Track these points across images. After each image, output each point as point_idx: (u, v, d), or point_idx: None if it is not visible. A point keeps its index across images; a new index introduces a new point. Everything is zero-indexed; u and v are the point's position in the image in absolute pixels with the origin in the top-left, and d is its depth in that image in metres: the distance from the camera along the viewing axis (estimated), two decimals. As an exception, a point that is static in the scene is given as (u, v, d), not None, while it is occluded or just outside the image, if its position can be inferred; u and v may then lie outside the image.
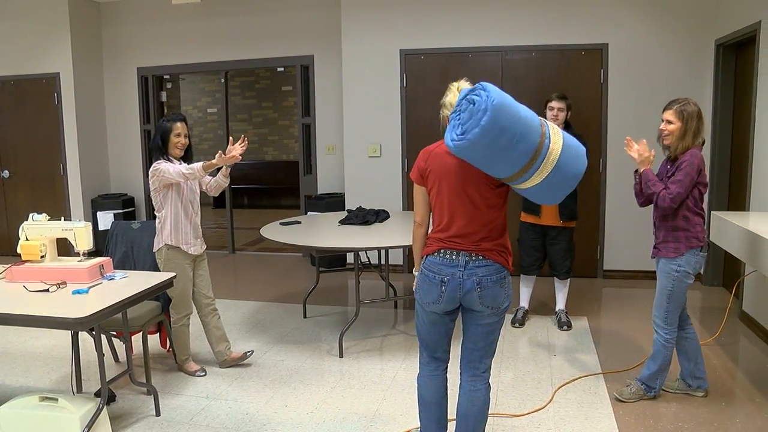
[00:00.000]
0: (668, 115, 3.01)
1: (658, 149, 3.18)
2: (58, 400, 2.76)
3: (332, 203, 6.30)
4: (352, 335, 4.34)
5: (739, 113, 4.97)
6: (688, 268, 3.02)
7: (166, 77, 7.60)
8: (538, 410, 3.19)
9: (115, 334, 3.53)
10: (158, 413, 3.20)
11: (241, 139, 3.53)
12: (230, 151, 3.45)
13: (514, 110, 2.08)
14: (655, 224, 3.14)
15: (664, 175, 3.09)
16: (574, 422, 3.05)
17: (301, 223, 4.63)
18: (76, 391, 3.32)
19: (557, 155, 2.14)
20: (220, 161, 3.33)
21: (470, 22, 5.78)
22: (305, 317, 4.80)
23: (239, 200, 11.35)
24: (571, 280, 4.58)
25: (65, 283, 2.99)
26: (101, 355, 2.82)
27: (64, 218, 3.33)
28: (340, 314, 4.91)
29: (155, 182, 3.45)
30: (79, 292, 2.85)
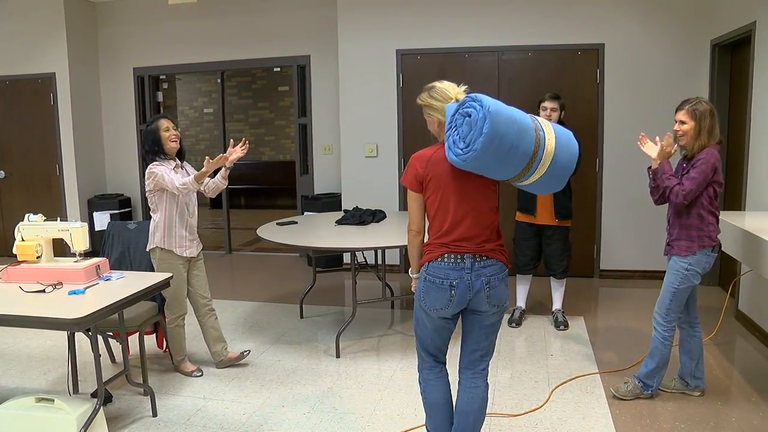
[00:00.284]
0: (681, 115, 3.00)
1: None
2: (54, 401, 2.76)
3: (329, 203, 6.30)
4: (348, 335, 4.34)
5: (734, 113, 4.98)
6: (698, 267, 3.02)
7: (162, 77, 7.59)
8: (535, 410, 3.19)
9: (111, 334, 3.52)
10: (155, 414, 3.20)
11: (242, 141, 3.52)
12: (230, 153, 3.45)
13: (508, 114, 2.17)
14: (669, 221, 3.13)
15: (680, 173, 3.08)
16: (571, 422, 3.05)
17: (297, 223, 4.63)
18: (72, 391, 3.31)
19: (553, 146, 2.23)
20: (209, 167, 3.30)
21: (467, 22, 5.79)
22: (302, 317, 4.80)
23: (236, 200, 11.33)
24: (567, 279, 4.59)
25: (61, 283, 2.98)
26: (98, 355, 2.81)
27: (60, 219, 3.33)
28: (336, 314, 4.91)
29: (150, 184, 3.44)
30: (75, 292, 2.85)
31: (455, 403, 2.56)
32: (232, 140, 3.59)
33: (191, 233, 3.61)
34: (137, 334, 3.42)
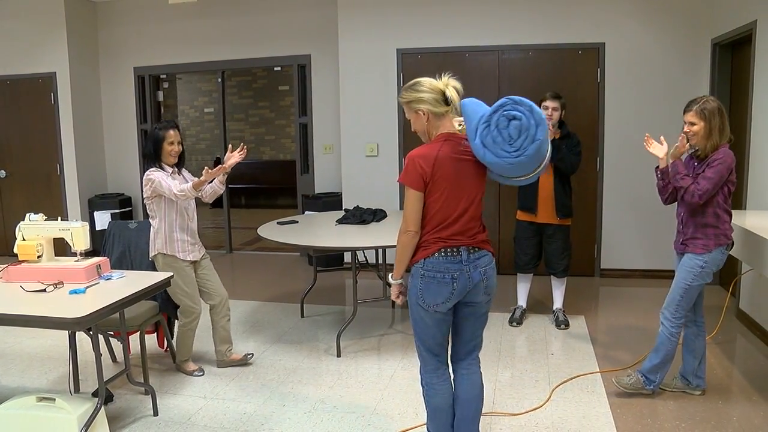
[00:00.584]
0: (690, 116, 2.97)
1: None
2: (55, 400, 2.76)
3: (329, 203, 6.30)
4: (349, 334, 4.34)
5: (735, 112, 4.98)
6: (713, 265, 3.01)
7: (162, 77, 7.58)
8: (535, 409, 3.19)
9: (112, 333, 3.52)
10: (156, 413, 3.20)
11: (240, 146, 3.52)
12: (227, 158, 3.44)
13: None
14: (681, 220, 3.10)
15: (691, 171, 3.06)
16: (571, 421, 3.05)
17: (298, 222, 4.63)
18: (73, 391, 3.31)
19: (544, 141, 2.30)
20: (208, 176, 3.29)
21: (467, 21, 5.78)
22: (302, 317, 4.80)
23: (236, 200, 11.33)
24: (568, 279, 4.58)
25: (62, 283, 2.98)
26: (98, 355, 2.81)
27: (60, 218, 3.33)
28: (337, 314, 4.91)
29: (148, 190, 3.43)
30: (76, 292, 2.85)
31: (455, 393, 2.57)
32: (230, 145, 3.58)
33: (192, 237, 3.60)
34: (138, 333, 3.42)
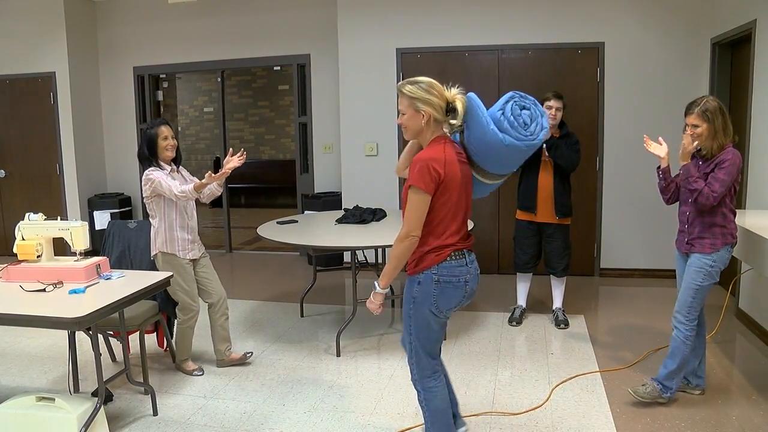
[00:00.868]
0: (692, 119, 2.95)
1: (672, 146, 3.17)
2: (55, 400, 2.76)
3: (329, 202, 6.30)
4: (349, 334, 4.34)
5: (735, 112, 4.97)
6: (720, 264, 3.01)
7: (162, 76, 7.59)
8: (535, 408, 3.19)
9: (112, 333, 3.53)
10: (155, 413, 3.20)
11: (240, 151, 3.52)
12: (227, 162, 3.45)
13: None
14: (687, 220, 3.08)
15: (696, 171, 3.03)
16: (571, 420, 3.05)
17: (297, 222, 4.63)
18: (73, 390, 3.31)
19: None
20: (210, 180, 3.31)
21: (467, 20, 5.78)
22: (302, 316, 4.80)
23: (236, 199, 11.33)
24: (568, 278, 4.58)
25: (62, 282, 2.98)
26: (98, 354, 2.81)
27: (60, 218, 3.33)
28: (337, 313, 4.91)
29: (147, 190, 3.43)
30: (75, 291, 2.85)
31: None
32: (231, 149, 3.59)
33: (192, 235, 3.61)
34: (138, 333, 3.42)
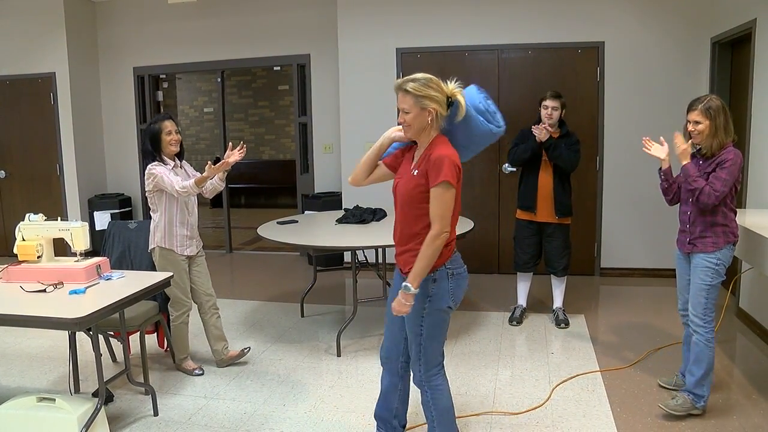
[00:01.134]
0: (694, 115, 2.95)
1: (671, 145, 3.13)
2: (55, 400, 2.76)
3: (329, 202, 6.30)
4: (349, 334, 4.34)
5: (735, 111, 4.93)
6: (725, 262, 2.99)
7: (162, 77, 7.59)
8: (536, 408, 3.19)
9: (112, 334, 3.53)
10: (156, 413, 3.20)
11: (240, 145, 3.52)
12: (228, 156, 3.45)
13: None
14: (689, 219, 3.06)
15: (697, 170, 3.01)
16: (572, 420, 3.05)
17: (298, 222, 4.63)
18: (73, 391, 3.31)
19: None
20: (211, 172, 3.33)
21: (466, 20, 5.78)
22: (302, 316, 4.80)
23: (236, 199, 11.33)
24: (568, 278, 4.58)
25: (62, 283, 2.98)
26: (98, 355, 2.81)
27: (60, 218, 3.33)
28: (337, 313, 4.91)
29: (150, 184, 3.45)
30: (76, 292, 2.85)
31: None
32: (230, 143, 3.59)
33: (191, 232, 3.62)
34: (138, 333, 3.42)
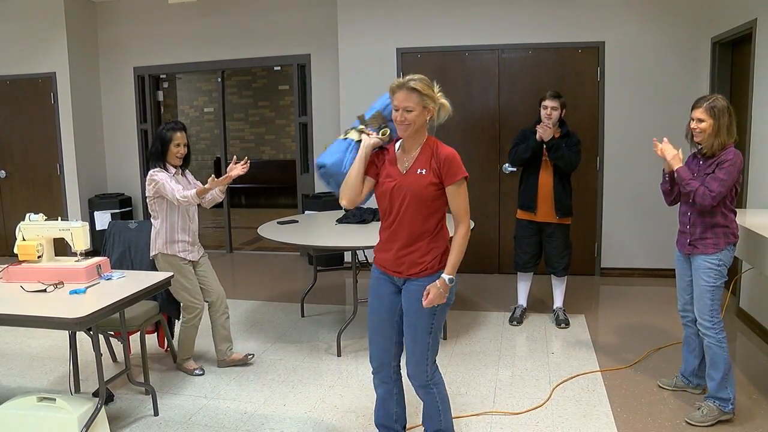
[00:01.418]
0: (698, 113, 2.92)
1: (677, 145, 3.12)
2: (56, 400, 2.76)
3: (329, 202, 6.29)
4: (349, 334, 4.34)
5: (735, 111, 4.96)
6: (726, 262, 2.97)
7: (162, 77, 7.58)
8: (536, 408, 3.19)
9: (112, 333, 3.53)
10: (156, 413, 3.20)
11: (244, 160, 3.53)
12: (231, 169, 3.46)
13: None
14: (689, 220, 3.04)
15: (696, 171, 3.01)
16: (572, 420, 3.05)
17: (298, 222, 4.63)
18: (74, 391, 3.31)
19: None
20: (212, 185, 3.34)
21: (467, 20, 5.78)
22: (303, 316, 4.80)
23: (236, 199, 11.32)
24: (568, 278, 4.58)
25: (62, 283, 2.98)
26: (99, 355, 2.81)
27: (61, 218, 3.33)
28: (337, 313, 4.91)
29: (150, 190, 3.45)
30: (76, 292, 2.85)
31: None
32: (235, 157, 3.60)
33: (192, 238, 3.62)
34: (138, 333, 3.42)
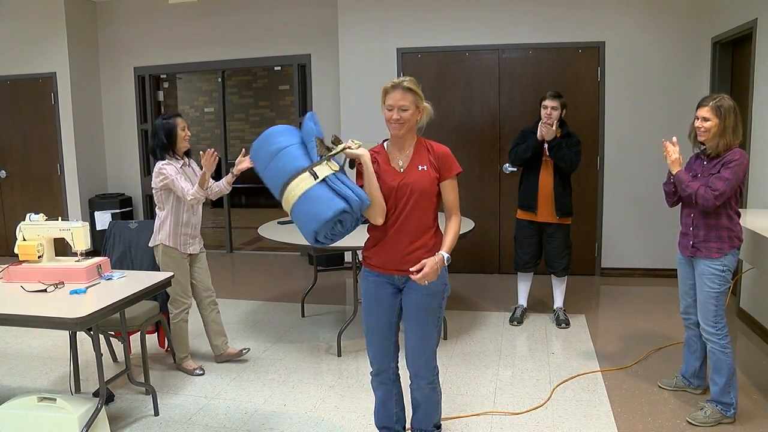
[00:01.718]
0: (704, 112, 2.86)
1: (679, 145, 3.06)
2: (56, 400, 2.76)
3: (330, 202, 6.29)
4: (350, 334, 4.34)
5: (735, 111, 4.97)
6: (731, 267, 2.91)
7: (162, 77, 7.58)
8: (536, 408, 3.19)
9: (113, 333, 3.53)
10: (157, 413, 3.20)
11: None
12: (239, 162, 3.50)
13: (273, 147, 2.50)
14: (692, 222, 2.98)
15: (699, 171, 2.96)
16: (572, 420, 3.05)
17: (298, 222, 4.62)
18: (74, 391, 3.31)
19: (293, 199, 2.44)
20: (208, 167, 3.35)
21: (467, 20, 5.78)
22: (303, 316, 4.80)
23: (237, 199, 11.32)
24: (568, 278, 4.58)
25: (63, 283, 2.98)
26: (99, 355, 2.81)
27: (61, 218, 3.33)
28: (338, 313, 4.91)
29: (158, 182, 3.47)
30: (76, 292, 2.85)
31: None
32: (243, 150, 3.61)
33: (194, 231, 3.66)
34: (139, 333, 3.42)
